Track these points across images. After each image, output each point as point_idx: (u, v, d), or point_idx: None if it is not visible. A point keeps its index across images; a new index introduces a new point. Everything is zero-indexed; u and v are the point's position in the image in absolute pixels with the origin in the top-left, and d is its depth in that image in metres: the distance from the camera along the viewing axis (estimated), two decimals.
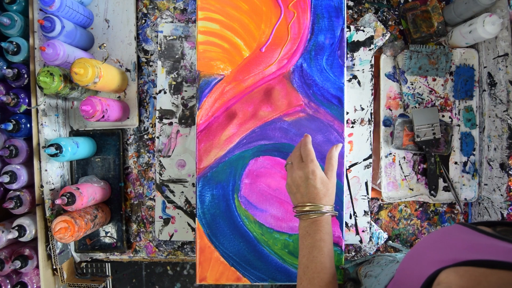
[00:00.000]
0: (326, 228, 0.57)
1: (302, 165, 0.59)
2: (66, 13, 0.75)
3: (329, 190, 0.58)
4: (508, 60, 0.76)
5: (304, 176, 0.58)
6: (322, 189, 0.58)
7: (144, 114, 0.87)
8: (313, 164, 0.58)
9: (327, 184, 0.58)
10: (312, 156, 0.59)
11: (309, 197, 0.58)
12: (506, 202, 0.76)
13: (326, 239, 0.56)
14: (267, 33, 0.75)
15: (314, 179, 0.57)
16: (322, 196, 0.57)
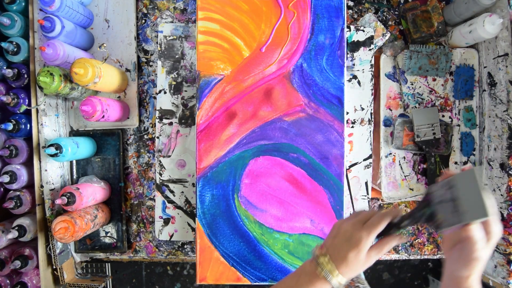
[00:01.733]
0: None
1: (358, 226, 0.51)
2: (66, 13, 0.75)
3: (354, 266, 0.50)
4: (508, 60, 0.76)
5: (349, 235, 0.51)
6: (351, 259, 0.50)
7: (144, 114, 0.87)
8: (367, 237, 0.50)
9: (358, 261, 0.50)
10: (374, 232, 0.50)
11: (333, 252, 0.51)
12: (506, 202, 0.76)
13: None
14: (267, 33, 0.75)
15: (354, 248, 0.50)
16: (344, 265, 0.50)
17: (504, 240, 0.76)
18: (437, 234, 0.88)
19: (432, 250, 0.88)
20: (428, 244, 0.88)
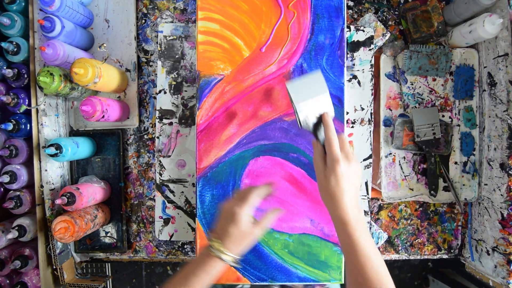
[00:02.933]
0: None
1: (234, 203, 0.57)
2: (66, 13, 0.75)
3: (238, 240, 0.56)
4: (508, 60, 0.76)
5: (227, 212, 0.57)
6: (233, 234, 0.56)
7: (144, 114, 0.87)
8: (240, 210, 0.56)
9: (242, 235, 0.56)
10: (246, 205, 0.57)
11: (219, 231, 0.58)
12: (506, 202, 0.76)
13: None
14: (267, 33, 0.75)
15: (232, 222, 0.56)
16: (228, 240, 0.56)
17: (504, 240, 0.76)
18: (436, 234, 0.88)
19: (432, 250, 0.88)
20: (428, 244, 0.88)
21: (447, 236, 0.88)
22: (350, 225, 0.53)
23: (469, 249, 0.86)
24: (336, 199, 0.54)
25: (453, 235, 0.88)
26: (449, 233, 0.88)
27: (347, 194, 0.54)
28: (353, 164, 0.55)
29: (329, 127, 0.56)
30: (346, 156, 0.55)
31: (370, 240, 0.53)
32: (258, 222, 0.58)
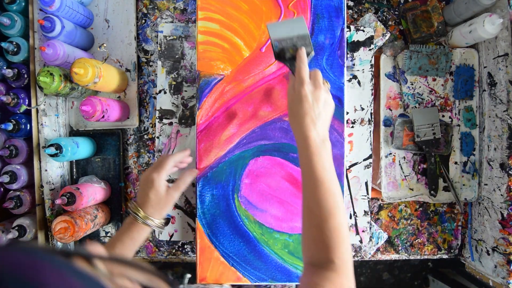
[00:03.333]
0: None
1: (152, 170, 0.64)
2: (66, 13, 0.75)
3: (157, 204, 0.63)
4: (508, 60, 0.76)
5: (145, 179, 0.64)
6: (152, 198, 0.62)
7: (144, 114, 0.87)
8: (158, 176, 0.63)
9: (160, 199, 0.62)
10: (162, 171, 0.63)
11: (139, 198, 0.64)
12: (506, 202, 0.76)
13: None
14: (267, 33, 0.75)
15: (151, 187, 0.63)
16: (148, 205, 0.62)
17: (504, 240, 0.77)
18: (436, 234, 0.88)
19: (432, 250, 0.88)
20: (428, 244, 0.88)
21: (447, 236, 0.88)
22: (308, 148, 0.55)
23: (469, 249, 0.86)
24: (297, 120, 0.56)
25: (453, 235, 0.88)
26: (449, 233, 0.88)
27: (309, 115, 0.56)
28: (320, 91, 0.57)
29: (301, 58, 0.59)
30: (314, 83, 0.58)
31: (327, 166, 0.54)
32: (174, 184, 0.65)
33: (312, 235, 0.52)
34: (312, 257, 0.52)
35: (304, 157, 0.55)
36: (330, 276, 0.47)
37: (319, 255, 0.50)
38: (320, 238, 0.51)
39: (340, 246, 0.50)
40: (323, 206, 0.51)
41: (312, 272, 0.49)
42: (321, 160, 0.54)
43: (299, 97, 0.56)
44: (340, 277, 0.47)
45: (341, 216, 0.52)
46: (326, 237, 0.50)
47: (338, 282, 0.46)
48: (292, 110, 0.58)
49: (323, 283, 0.45)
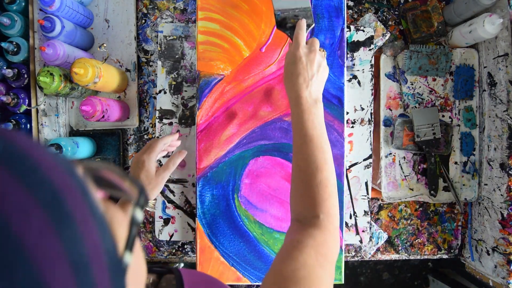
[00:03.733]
0: None
1: (142, 153, 0.67)
2: (66, 13, 0.75)
3: (148, 185, 0.65)
4: (508, 60, 0.76)
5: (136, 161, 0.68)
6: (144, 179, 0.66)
7: (144, 114, 0.87)
8: (148, 158, 0.66)
9: (150, 180, 0.65)
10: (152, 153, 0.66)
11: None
12: (506, 202, 0.76)
13: None
14: (267, 33, 0.75)
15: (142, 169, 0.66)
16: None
17: (504, 240, 0.77)
18: (436, 234, 0.88)
19: (432, 250, 0.88)
20: (428, 244, 0.88)
21: (447, 236, 0.88)
22: (299, 106, 0.56)
23: (469, 249, 0.86)
24: (291, 80, 0.58)
25: (453, 235, 0.88)
26: (449, 233, 0.88)
27: (302, 76, 0.57)
28: (315, 55, 0.59)
29: (299, 26, 0.61)
30: (309, 47, 0.60)
31: (317, 123, 0.55)
32: (164, 165, 0.68)
33: (299, 190, 0.52)
34: (298, 214, 0.52)
35: (295, 115, 0.56)
36: (313, 232, 0.47)
37: (305, 210, 0.51)
38: (306, 193, 0.51)
39: (325, 201, 0.50)
40: (311, 162, 0.52)
41: (296, 229, 0.49)
42: (311, 117, 0.55)
43: (294, 58, 0.58)
44: (323, 234, 0.47)
45: (329, 171, 0.52)
46: (313, 191, 0.51)
47: (321, 239, 0.46)
48: (287, 71, 0.60)
49: (306, 240, 0.45)
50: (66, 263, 0.16)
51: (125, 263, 0.21)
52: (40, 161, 0.17)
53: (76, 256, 0.17)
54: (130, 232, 0.22)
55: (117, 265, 0.20)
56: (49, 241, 0.16)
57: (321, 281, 0.40)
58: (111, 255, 0.19)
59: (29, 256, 0.15)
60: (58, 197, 0.17)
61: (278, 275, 0.40)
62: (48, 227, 0.16)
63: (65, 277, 0.16)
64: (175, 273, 0.43)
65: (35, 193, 0.16)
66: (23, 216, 0.15)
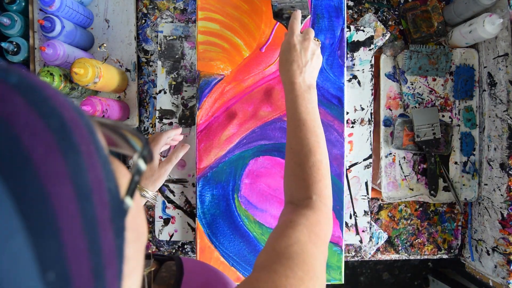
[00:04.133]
0: None
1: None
2: (66, 13, 0.75)
3: (151, 177, 0.66)
4: (508, 60, 0.76)
5: None
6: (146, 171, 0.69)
7: (144, 114, 0.87)
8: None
9: (153, 172, 0.67)
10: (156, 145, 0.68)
11: None
12: (506, 202, 0.76)
13: None
14: (267, 33, 0.75)
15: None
16: (142, 178, 0.68)
17: (504, 240, 0.77)
18: (436, 234, 0.88)
19: (432, 250, 0.88)
20: (428, 244, 0.88)
21: (447, 236, 0.88)
22: (293, 91, 0.57)
23: (469, 249, 0.86)
24: (286, 67, 0.59)
25: (453, 235, 0.88)
26: (449, 233, 0.88)
27: (296, 63, 0.58)
28: (309, 43, 0.60)
29: (295, 15, 0.63)
30: (304, 35, 0.61)
31: (310, 108, 0.56)
32: (167, 158, 0.70)
33: (292, 173, 0.53)
34: (291, 196, 0.52)
35: (289, 100, 0.57)
36: (306, 213, 0.47)
37: (298, 192, 0.51)
38: (299, 175, 0.52)
39: (318, 182, 0.51)
40: (304, 144, 0.53)
41: (289, 210, 0.50)
42: (305, 102, 0.56)
43: (289, 46, 0.60)
44: (316, 214, 0.48)
45: (322, 154, 0.53)
46: (305, 173, 0.51)
47: (314, 219, 0.47)
48: (281, 58, 0.61)
49: (299, 220, 0.45)
50: (70, 184, 0.16)
51: (126, 205, 0.21)
52: (51, 96, 0.18)
53: (79, 180, 0.17)
54: (132, 178, 0.22)
55: (118, 206, 0.20)
56: (55, 160, 0.16)
57: (313, 257, 0.40)
58: (113, 195, 0.20)
59: (36, 171, 0.15)
60: (66, 127, 0.18)
61: (271, 251, 0.41)
62: (55, 148, 0.16)
63: (68, 197, 0.16)
64: (175, 259, 0.44)
65: (45, 119, 0.17)
66: (33, 135, 0.16)
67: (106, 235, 0.18)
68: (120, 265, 0.20)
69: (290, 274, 0.36)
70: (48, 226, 0.15)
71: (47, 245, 0.15)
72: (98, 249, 0.17)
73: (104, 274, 0.18)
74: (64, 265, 0.15)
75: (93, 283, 0.17)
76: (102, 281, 0.17)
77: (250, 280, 0.36)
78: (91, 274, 0.17)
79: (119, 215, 0.20)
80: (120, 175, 0.22)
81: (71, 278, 0.15)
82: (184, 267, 0.42)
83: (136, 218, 0.24)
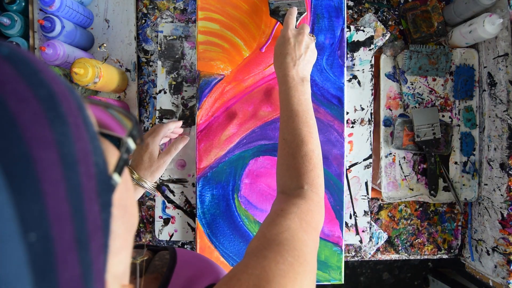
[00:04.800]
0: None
1: (146, 136, 0.69)
2: (66, 13, 0.75)
3: (150, 167, 0.67)
4: (508, 60, 0.76)
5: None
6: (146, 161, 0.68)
7: (144, 114, 0.87)
8: (152, 141, 0.68)
9: (153, 162, 0.67)
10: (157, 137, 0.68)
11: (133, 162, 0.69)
12: (506, 202, 0.76)
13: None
14: (267, 33, 0.75)
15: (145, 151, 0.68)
16: (141, 167, 0.67)
17: (504, 240, 0.77)
18: (436, 234, 0.88)
19: (432, 250, 0.88)
20: (428, 244, 0.88)
21: (447, 236, 0.88)
22: (286, 83, 0.58)
23: (469, 249, 0.86)
24: (280, 60, 0.60)
25: (453, 235, 0.88)
26: (449, 233, 0.88)
27: (290, 55, 0.59)
28: (303, 37, 0.61)
29: (290, 12, 0.65)
30: (298, 30, 0.62)
31: (303, 100, 0.57)
32: (166, 149, 0.70)
33: (285, 163, 0.54)
34: (284, 186, 0.53)
35: (282, 92, 0.58)
36: (298, 202, 0.47)
37: (290, 182, 0.52)
38: (292, 165, 0.52)
39: (310, 172, 0.51)
40: (296, 135, 0.53)
41: (281, 199, 0.50)
42: (297, 94, 0.56)
43: (283, 39, 0.61)
44: (307, 203, 0.48)
45: (314, 144, 0.54)
46: (297, 162, 0.52)
47: (305, 207, 0.47)
48: (276, 52, 0.62)
49: (290, 208, 0.46)
50: (55, 151, 0.16)
51: (114, 181, 0.21)
52: (42, 69, 0.18)
53: (65, 149, 0.17)
54: (121, 156, 0.22)
55: (105, 180, 0.20)
56: (41, 126, 0.16)
57: (304, 243, 0.40)
58: (100, 169, 0.20)
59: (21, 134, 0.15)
60: (54, 99, 0.18)
61: (262, 238, 0.41)
62: (42, 115, 0.16)
63: (53, 163, 0.16)
64: (169, 249, 0.44)
65: (34, 89, 0.17)
66: (20, 101, 0.16)
67: (92, 206, 0.18)
68: (106, 239, 0.20)
69: (280, 259, 0.36)
70: (31, 187, 0.15)
71: (30, 206, 0.15)
72: (82, 217, 0.17)
73: (88, 243, 0.17)
74: (46, 227, 0.15)
75: (76, 249, 0.17)
76: (85, 250, 0.17)
77: (240, 267, 0.36)
78: (74, 241, 0.17)
79: (106, 189, 0.20)
80: (109, 154, 0.22)
81: (53, 241, 0.15)
82: (177, 256, 0.42)
83: (125, 197, 0.24)
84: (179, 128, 0.76)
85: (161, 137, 0.69)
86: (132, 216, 0.25)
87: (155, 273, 0.41)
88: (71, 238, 0.16)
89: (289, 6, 0.68)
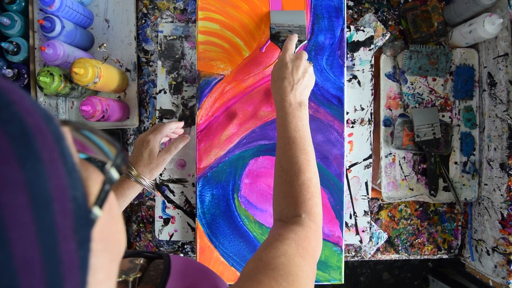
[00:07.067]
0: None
1: (148, 133, 0.68)
2: (66, 13, 0.75)
3: (150, 164, 0.67)
4: (508, 60, 0.76)
5: (142, 140, 0.68)
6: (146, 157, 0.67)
7: (144, 114, 0.87)
8: (154, 138, 0.68)
9: (152, 159, 0.67)
10: (158, 134, 0.68)
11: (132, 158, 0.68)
12: (506, 202, 0.76)
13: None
14: (267, 33, 0.75)
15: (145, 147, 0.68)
16: (140, 163, 0.67)
17: (504, 240, 0.77)
18: (436, 234, 0.88)
19: (432, 250, 0.88)
20: (428, 244, 0.88)
21: (447, 236, 0.88)
22: (283, 108, 0.57)
23: (469, 249, 0.86)
24: (277, 84, 0.60)
25: (453, 235, 0.88)
26: (449, 233, 0.88)
27: (287, 80, 0.59)
28: (301, 61, 0.61)
29: (290, 38, 0.65)
30: (296, 55, 0.62)
31: (300, 126, 0.56)
32: (166, 148, 0.70)
33: (282, 191, 0.53)
34: (281, 213, 0.52)
35: (279, 117, 0.58)
36: (295, 228, 0.47)
37: (288, 210, 0.51)
38: (289, 193, 0.52)
39: (308, 200, 0.51)
40: (294, 162, 0.53)
41: (278, 226, 0.50)
42: (295, 120, 0.56)
43: (281, 64, 0.61)
44: (305, 230, 0.48)
45: (312, 172, 0.53)
46: (295, 191, 0.51)
47: (302, 234, 0.47)
48: (273, 76, 0.62)
49: (287, 234, 0.46)
50: (25, 192, 0.16)
51: (94, 215, 0.20)
52: (16, 101, 0.17)
53: (37, 188, 0.16)
54: (102, 188, 0.21)
55: (83, 215, 0.19)
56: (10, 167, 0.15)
57: (300, 269, 0.40)
58: (78, 203, 0.19)
59: None
60: (27, 134, 0.17)
61: (258, 261, 0.41)
62: (11, 155, 0.16)
63: (21, 206, 0.15)
64: (164, 258, 0.44)
65: (3, 126, 0.16)
66: None
67: (67, 245, 0.18)
68: (84, 277, 0.19)
69: (275, 285, 0.36)
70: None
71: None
72: (55, 259, 0.17)
73: (61, 285, 0.17)
74: (13, 277, 0.15)
75: None
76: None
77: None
78: (45, 285, 0.16)
79: (85, 224, 0.20)
80: (91, 183, 0.21)
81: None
82: (171, 267, 0.42)
83: (108, 227, 0.23)
84: (180, 129, 0.76)
85: (162, 136, 0.69)
86: (118, 243, 0.24)
87: (149, 284, 0.40)
88: (41, 283, 0.16)
89: (290, 33, 0.69)
